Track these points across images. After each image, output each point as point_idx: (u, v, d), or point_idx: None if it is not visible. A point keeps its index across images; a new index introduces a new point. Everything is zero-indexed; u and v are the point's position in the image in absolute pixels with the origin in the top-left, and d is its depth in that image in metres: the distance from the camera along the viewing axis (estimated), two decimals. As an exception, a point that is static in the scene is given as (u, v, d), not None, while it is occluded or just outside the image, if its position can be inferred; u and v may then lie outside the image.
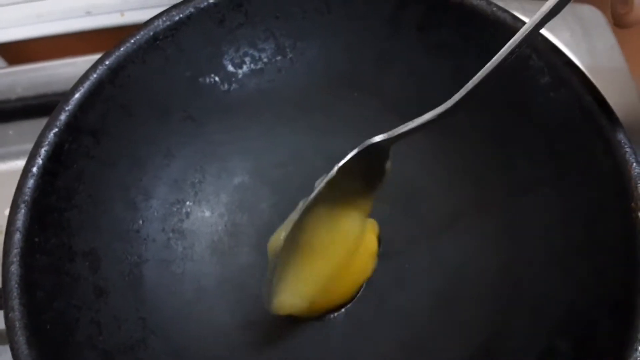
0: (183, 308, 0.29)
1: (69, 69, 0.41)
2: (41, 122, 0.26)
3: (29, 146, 0.25)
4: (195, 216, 0.31)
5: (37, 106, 0.40)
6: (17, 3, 0.47)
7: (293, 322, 0.29)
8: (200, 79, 0.30)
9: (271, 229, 0.30)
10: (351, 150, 0.26)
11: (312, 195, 0.25)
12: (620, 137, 0.24)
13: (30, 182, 0.24)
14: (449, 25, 0.29)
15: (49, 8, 0.48)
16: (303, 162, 0.33)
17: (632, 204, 0.23)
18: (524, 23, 0.27)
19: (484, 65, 0.29)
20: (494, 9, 0.27)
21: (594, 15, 0.40)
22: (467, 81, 0.29)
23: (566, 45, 0.38)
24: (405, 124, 0.25)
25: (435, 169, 0.32)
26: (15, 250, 0.23)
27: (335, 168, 0.25)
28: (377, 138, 0.25)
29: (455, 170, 0.32)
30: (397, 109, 0.33)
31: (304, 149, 0.33)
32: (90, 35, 0.50)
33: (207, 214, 0.31)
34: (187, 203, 0.31)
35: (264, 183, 0.33)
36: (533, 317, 0.27)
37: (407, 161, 0.32)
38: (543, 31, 0.29)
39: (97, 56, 0.27)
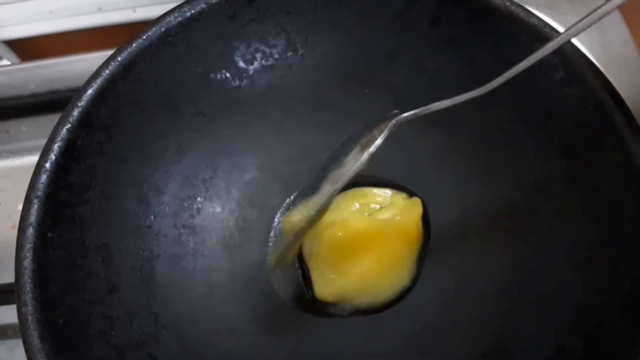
0: (194, 303, 0.29)
1: (81, 65, 0.41)
2: (54, 118, 0.26)
3: (42, 142, 0.25)
4: (207, 212, 0.31)
5: (50, 102, 0.40)
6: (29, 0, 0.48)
7: (303, 316, 0.29)
8: (212, 75, 0.30)
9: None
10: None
11: (340, 182, 0.25)
12: (634, 133, 0.24)
13: (43, 178, 0.25)
14: (461, 19, 0.29)
15: (61, 4, 0.48)
16: (313, 159, 0.33)
17: (646, 202, 0.23)
18: (537, 17, 0.27)
19: (496, 61, 0.29)
20: (508, 3, 0.27)
21: (609, 10, 0.39)
22: (479, 76, 0.29)
23: (579, 40, 0.37)
24: (430, 105, 0.25)
25: (445, 166, 0.32)
26: (29, 245, 0.24)
27: (366, 155, 0.24)
28: (405, 115, 0.25)
29: (465, 166, 0.31)
30: (408, 105, 0.32)
31: (314, 145, 0.33)
32: (102, 31, 0.50)
33: (218, 209, 0.32)
34: (198, 199, 0.31)
35: (275, 179, 0.33)
36: (543, 316, 0.26)
37: (417, 159, 0.33)
38: (556, 25, 0.29)
39: (109, 52, 0.27)
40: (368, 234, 0.30)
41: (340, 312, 0.29)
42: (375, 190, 0.32)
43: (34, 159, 0.40)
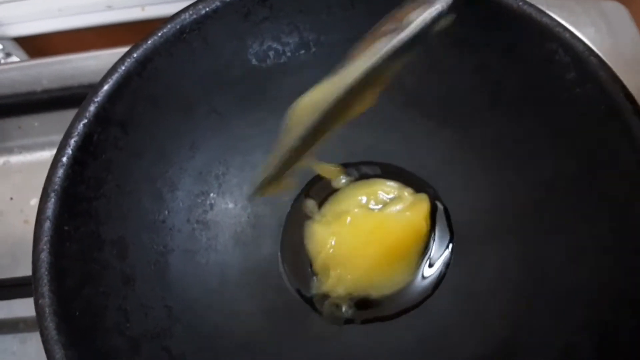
0: (207, 297, 0.29)
1: (93, 62, 0.41)
2: (66, 114, 0.26)
3: (54, 137, 0.26)
4: (219, 208, 0.32)
5: (62, 98, 0.40)
6: (39, -3, 0.48)
7: (314, 311, 0.29)
8: (225, 73, 0.31)
9: (292, 221, 0.31)
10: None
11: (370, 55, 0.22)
12: (646, 132, 0.24)
13: (60, 172, 0.25)
14: (473, 19, 0.29)
15: (70, 2, 0.48)
16: (325, 156, 0.33)
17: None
18: (549, 16, 0.27)
19: (508, 61, 0.29)
20: (520, 3, 0.27)
21: (618, 11, 0.39)
22: (490, 77, 0.30)
23: (590, 41, 0.37)
24: None
25: (456, 166, 0.32)
26: (45, 238, 0.24)
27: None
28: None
29: (476, 167, 0.32)
30: (418, 105, 0.33)
31: (325, 143, 0.33)
32: (111, 29, 0.50)
33: (231, 205, 0.32)
34: (211, 195, 0.32)
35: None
36: (554, 315, 0.27)
37: (427, 160, 0.33)
38: (568, 26, 0.29)
39: (120, 50, 0.28)
40: (379, 229, 0.30)
41: (345, 309, 0.30)
42: (381, 182, 0.33)
43: (46, 154, 0.40)
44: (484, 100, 0.30)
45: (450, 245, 0.31)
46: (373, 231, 0.30)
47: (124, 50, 0.27)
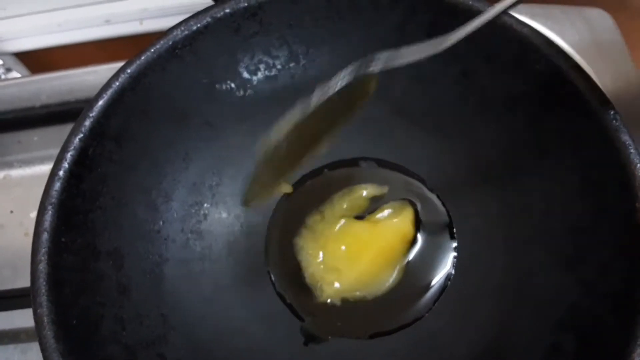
0: (202, 305, 0.30)
1: (91, 77, 0.42)
2: (65, 128, 0.27)
3: (53, 151, 0.26)
4: (213, 217, 0.32)
5: (61, 113, 0.41)
6: (38, 12, 0.48)
7: (307, 319, 0.30)
8: (217, 86, 0.31)
9: (284, 230, 0.32)
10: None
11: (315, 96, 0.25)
12: (625, 138, 0.25)
13: (57, 185, 0.26)
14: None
15: (69, 17, 0.49)
16: (315, 166, 0.34)
17: (637, 204, 0.24)
18: (529, 27, 0.28)
19: (490, 70, 0.30)
20: (501, 14, 0.28)
21: (603, 18, 0.40)
22: (474, 86, 0.30)
23: (575, 48, 0.38)
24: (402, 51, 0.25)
25: (441, 171, 0.33)
26: (43, 250, 0.25)
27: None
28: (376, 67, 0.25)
29: (461, 172, 0.32)
30: (405, 113, 0.33)
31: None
32: (110, 43, 0.51)
33: (224, 215, 0.33)
34: (205, 205, 0.32)
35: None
36: (538, 315, 0.27)
37: (418, 163, 0.33)
38: (549, 34, 0.30)
39: (117, 64, 0.28)
40: (370, 235, 0.31)
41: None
42: (362, 187, 0.34)
43: (45, 168, 0.41)
44: (468, 107, 0.31)
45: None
46: (362, 240, 0.31)
47: (121, 64, 0.28)
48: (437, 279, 0.31)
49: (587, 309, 0.25)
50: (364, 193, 0.33)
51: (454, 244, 0.32)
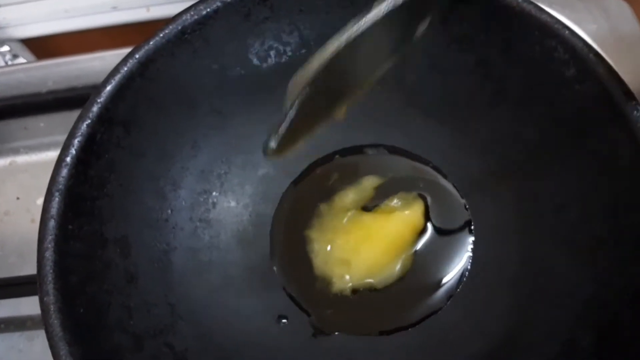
0: (210, 294, 0.29)
1: (98, 63, 0.41)
2: (71, 115, 0.27)
3: (60, 138, 0.26)
4: (221, 206, 0.32)
5: (68, 99, 0.40)
6: (45, -2, 0.48)
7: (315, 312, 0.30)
8: (227, 72, 0.31)
9: (293, 220, 0.31)
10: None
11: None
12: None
13: (64, 172, 0.25)
14: (473, 17, 0.29)
15: (76, 3, 0.48)
16: (325, 155, 0.33)
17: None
18: (549, 14, 0.27)
19: (508, 59, 0.29)
20: (520, 0, 0.27)
21: (621, 8, 0.39)
22: (491, 75, 0.29)
23: (592, 38, 0.37)
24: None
25: (455, 163, 0.32)
26: (50, 237, 0.24)
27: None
28: None
29: (475, 164, 0.32)
30: (419, 103, 0.33)
31: (326, 141, 0.34)
32: (117, 30, 0.51)
33: (233, 204, 0.32)
34: (214, 193, 0.32)
35: (287, 175, 0.33)
36: (554, 310, 0.27)
37: (431, 153, 0.33)
38: (568, 23, 0.29)
39: (124, 50, 0.28)
40: (380, 227, 0.30)
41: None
42: (370, 179, 0.33)
43: (51, 154, 0.41)
44: (485, 98, 0.30)
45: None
46: (371, 231, 0.31)
47: (128, 50, 0.28)
48: (452, 274, 0.30)
49: (604, 304, 0.25)
50: (374, 183, 0.33)
51: (471, 238, 0.31)
